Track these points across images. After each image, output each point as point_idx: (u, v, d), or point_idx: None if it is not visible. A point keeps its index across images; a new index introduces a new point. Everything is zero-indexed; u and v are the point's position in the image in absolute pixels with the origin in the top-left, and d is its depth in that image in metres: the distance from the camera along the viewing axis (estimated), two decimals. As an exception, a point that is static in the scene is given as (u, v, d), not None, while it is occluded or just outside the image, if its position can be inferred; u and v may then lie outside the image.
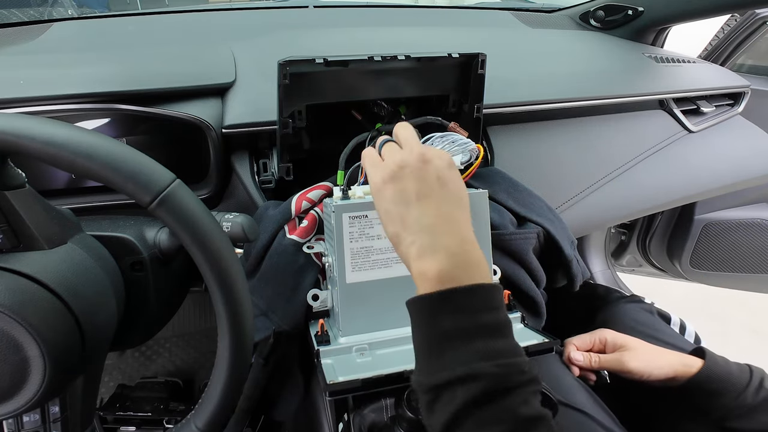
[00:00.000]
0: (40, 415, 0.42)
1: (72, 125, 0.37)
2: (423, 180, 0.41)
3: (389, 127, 0.65)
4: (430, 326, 0.37)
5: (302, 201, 0.61)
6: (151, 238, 0.50)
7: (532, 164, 0.81)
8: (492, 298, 0.37)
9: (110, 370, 1.15)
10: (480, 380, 0.34)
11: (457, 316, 0.36)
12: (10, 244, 0.39)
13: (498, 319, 0.37)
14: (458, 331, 0.36)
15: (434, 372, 0.36)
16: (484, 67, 0.65)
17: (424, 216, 0.40)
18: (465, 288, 0.36)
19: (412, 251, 0.39)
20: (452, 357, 0.35)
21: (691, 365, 0.58)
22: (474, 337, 0.35)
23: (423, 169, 0.42)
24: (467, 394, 0.33)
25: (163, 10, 0.99)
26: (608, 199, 0.86)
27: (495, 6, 1.22)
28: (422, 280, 0.38)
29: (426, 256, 0.38)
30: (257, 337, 0.59)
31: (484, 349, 0.35)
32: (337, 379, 0.48)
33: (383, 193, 0.43)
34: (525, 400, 0.34)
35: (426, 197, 0.41)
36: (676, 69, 1.01)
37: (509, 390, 0.34)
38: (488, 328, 0.36)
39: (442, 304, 0.37)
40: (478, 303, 0.37)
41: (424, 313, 0.38)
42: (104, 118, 0.65)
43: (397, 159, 0.43)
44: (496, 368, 0.34)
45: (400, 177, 0.42)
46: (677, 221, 1.28)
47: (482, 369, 0.34)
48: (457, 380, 0.34)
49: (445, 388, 0.35)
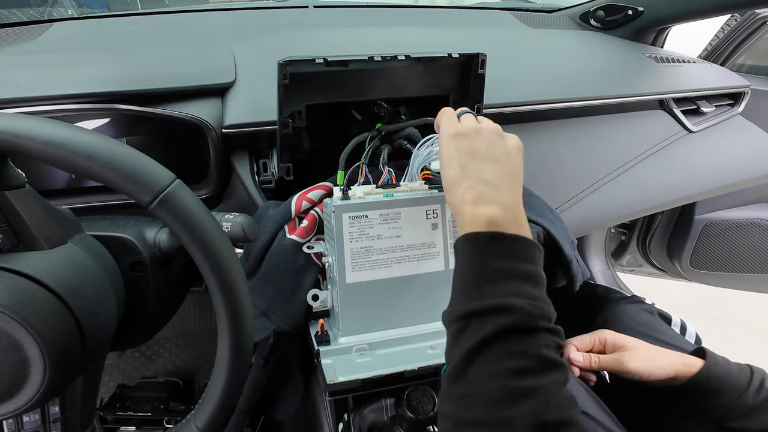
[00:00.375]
0: (40, 415, 0.42)
1: (72, 125, 0.37)
2: (493, 147, 0.45)
3: (389, 127, 0.66)
4: (474, 261, 0.39)
5: (302, 201, 0.61)
6: (151, 238, 0.50)
7: (532, 164, 0.81)
8: (533, 253, 0.40)
9: (110, 370, 1.15)
10: (512, 313, 0.36)
11: (501, 257, 0.38)
12: (10, 244, 0.39)
13: (536, 271, 0.39)
14: (500, 270, 0.38)
15: (469, 300, 0.38)
16: (484, 67, 0.65)
17: (488, 172, 0.43)
18: (513, 235, 0.39)
19: (468, 195, 0.42)
20: (490, 291, 0.37)
21: (691, 365, 0.58)
22: (513, 278, 0.38)
23: (496, 141, 0.45)
24: (497, 324, 0.35)
25: (163, 10, 0.99)
26: (608, 199, 0.86)
27: (495, 6, 1.22)
28: (473, 221, 0.41)
29: (482, 203, 0.41)
30: (257, 337, 0.59)
31: (520, 289, 0.37)
32: (337, 379, 0.48)
33: (453, 142, 0.45)
34: (548, 344, 0.36)
35: (492, 160, 0.44)
36: (676, 69, 1.01)
37: (536, 329, 0.36)
38: (527, 275, 0.38)
39: (489, 243, 0.39)
40: (521, 252, 0.39)
41: (470, 247, 0.40)
42: (104, 118, 0.65)
43: (474, 124, 0.46)
44: (529, 306, 0.36)
45: (474, 137, 0.45)
46: (677, 221, 1.28)
47: (516, 303, 0.36)
48: (490, 309, 0.36)
49: (477, 315, 0.37)
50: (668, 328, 0.77)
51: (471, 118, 0.48)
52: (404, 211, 0.55)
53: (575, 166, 0.84)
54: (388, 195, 0.55)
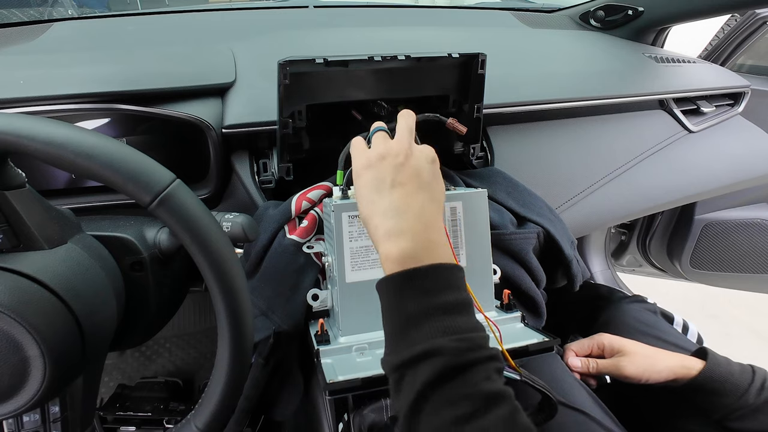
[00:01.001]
0: (40, 415, 0.42)
1: (72, 125, 0.37)
2: (400, 171, 0.44)
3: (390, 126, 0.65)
4: (396, 307, 0.39)
5: (302, 201, 0.61)
6: (151, 238, 0.50)
7: (532, 164, 0.81)
8: (451, 277, 0.39)
9: (110, 370, 1.15)
10: (440, 355, 0.35)
11: (418, 296, 0.38)
12: (10, 244, 0.39)
13: (457, 298, 0.38)
14: (420, 310, 0.37)
15: (399, 351, 0.37)
16: (484, 67, 0.65)
17: (394, 202, 0.42)
18: (425, 268, 0.38)
19: (379, 233, 0.42)
20: (415, 335, 0.36)
21: (691, 367, 0.58)
22: (434, 315, 0.37)
23: (403, 162, 0.44)
24: (429, 371, 0.34)
25: (163, 10, 0.99)
26: (608, 199, 0.86)
27: (495, 6, 1.22)
28: (387, 260, 0.40)
29: (391, 238, 0.41)
30: (257, 337, 0.59)
31: (443, 325, 0.36)
32: (336, 378, 0.48)
33: (362, 178, 0.45)
34: (487, 376, 0.35)
35: (399, 186, 0.43)
36: (676, 69, 1.01)
37: (469, 365, 0.35)
38: (448, 306, 0.37)
39: (404, 283, 0.38)
40: (437, 283, 0.38)
41: (389, 293, 0.39)
42: (104, 118, 0.65)
43: (381, 149, 0.45)
44: (455, 342, 0.35)
45: (379, 166, 0.44)
46: (677, 221, 1.28)
47: (441, 344, 0.35)
48: (419, 357, 0.35)
49: (408, 366, 0.36)
50: (670, 328, 0.77)
51: (379, 142, 0.47)
52: (404, 211, 0.55)
53: (575, 166, 0.84)
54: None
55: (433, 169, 0.46)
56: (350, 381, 0.47)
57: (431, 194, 0.44)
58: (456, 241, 0.57)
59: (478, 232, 0.57)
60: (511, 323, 0.58)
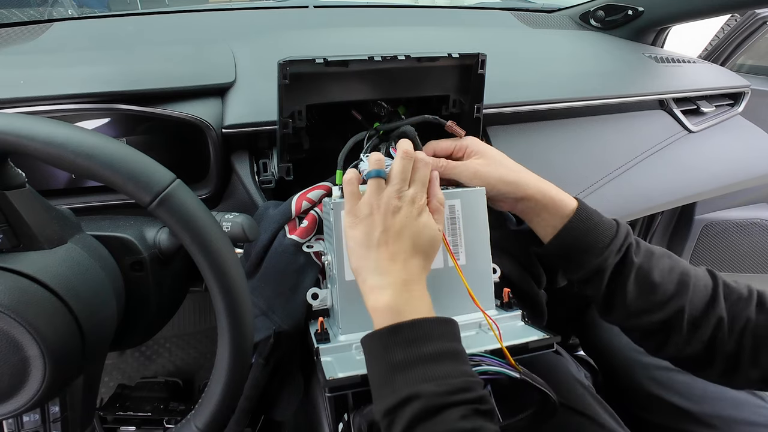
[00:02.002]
0: (40, 415, 0.42)
1: (72, 125, 0.37)
2: (387, 229, 0.47)
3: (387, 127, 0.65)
4: (381, 357, 0.42)
5: (302, 201, 0.61)
6: (151, 238, 0.50)
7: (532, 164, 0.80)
8: (434, 330, 0.42)
9: (110, 370, 1.15)
10: (421, 398, 0.38)
11: (403, 347, 0.41)
12: (10, 244, 0.39)
13: (441, 348, 0.41)
14: (405, 361, 0.40)
15: (385, 397, 0.40)
16: (484, 67, 0.65)
17: (379, 260, 0.46)
18: (409, 323, 0.42)
19: (366, 287, 0.46)
20: (399, 383, 0.40)
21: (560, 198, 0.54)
22: (418, 364, 0.40)
23: (389, 220, 0.47)
24: (411, 413, 0.38)
25: (163, 10, 0.99)
26: (608, 200, 0.86)
27: (495, 6, 1.22)
28: (374, 312, 0.45)
29: (376, 293, 0.45)
30: (257, 337, 0.59)
31: (426, 373, 0.39)
32: (336, 375, 0.48)
33: (352, 231, 0.48)
34: (465, 414, 0.37)
35: (384, 244, 0.46)
36: (676, 69, 1.01)
37: (446, 406, 0.38)
38: (430, 356, 0.40)
39: (389, 337, 0.42)
40: (420, 335, 0.41)
41: (375, 345, 0.43)
42: (104, 118, 0.65)
43: (372, 202, 0.48)
44: (435, 386, 0.38)
45: (368, 222, 0.47)
46: (677, 221, 1.28)
47: (421, 389, 0.38)
48: (403, 401, 0.39)
49: (394, 411, 0.39)
50: None
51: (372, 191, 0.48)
52: (404, 210, 0.55)
53: (575, 166, 0.84)
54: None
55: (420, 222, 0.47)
56: (350, 378, 0.47)
57: (413, 249, 0.46)
58: (455, 240, 0.57)
59: (477, 231, 0.57)
60: (512, 321, 0.58)
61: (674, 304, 0.50)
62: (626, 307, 0.52)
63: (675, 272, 0.52)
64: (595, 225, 0.53)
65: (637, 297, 0.51)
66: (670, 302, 0.50)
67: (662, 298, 0.51)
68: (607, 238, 0.52)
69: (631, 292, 0.51)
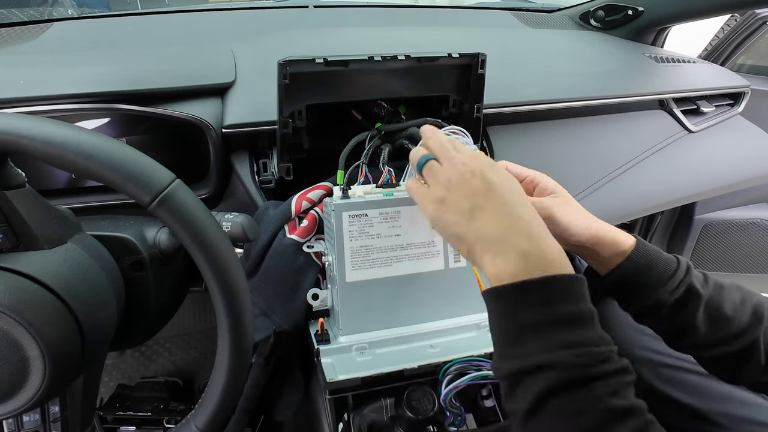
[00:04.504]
0: (40, 415, 0.42)
1: (72, 125, 0.37)
2: (473, 194, 0.42)
3: (389, 127, 0.66)
4: (507, 317, 0.37)
5: (302, 201, 0.61)
6: (151, 238, 0.50)
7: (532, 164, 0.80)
8: (569, 289, 0.37)
9: (110, 370, 1.15)
10: (557, 369, 0.34)
11: (533, 308, 0.36)
12: (10, 244, 0.39)
13: (574, 310, 0.37)
14: (535, 322, 0.36)
15: (512, 358, 0.36)
16: (484, 67, 0.65)
17: (486, 228, 0.41)
18: (540, 280, 0.37)
19: (486, 260, 0.40)
20: (530, 345, 0.35)
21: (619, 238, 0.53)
22: (551, 328, 0.36)
23: (469, 184, 0.42)
24: (545, 383, 0.34)
25: (163, 10, 0.99)
26: (608, 199, 0.86)
27: (495, 6, 1.22)
28: (497, 280, 0.39)
29: (498, 262, 0.39)
30: (257, 337, 0.59)
31: (561, 339, 0.35)
32: (337, 377, 0.48)
33: (443, 221, 0.43)
34: (613, 391, 0.33)
35: (480, 209, 0.41)
36: (676, 69, 1.01)
37: (590, 379, 0.33)
38: (566, 319, 0.36)
39: (517, 296, 0.37)
40: (554, 295, 0.37)
41: (500, 303, 0.38)
42: (104, 118, 0.65)
43: (441, 181, 0.44)
44: (574, 357, 0.34)
45: (451, 200, 0.43)
46: (677, 221, 1.28)
47: (559, 358, 0.34)
48: (534, 368, 0.34)
49: (524, 374, 0.35)
50: None
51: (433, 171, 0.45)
52: (404, 210, 0.55)
53: (575, 166, 0.84)
54: (388, 194, 0.55)
55: (496, 171, 0.43)
56: (350, 380, 0.47)
57: (512, 198, 0.42)
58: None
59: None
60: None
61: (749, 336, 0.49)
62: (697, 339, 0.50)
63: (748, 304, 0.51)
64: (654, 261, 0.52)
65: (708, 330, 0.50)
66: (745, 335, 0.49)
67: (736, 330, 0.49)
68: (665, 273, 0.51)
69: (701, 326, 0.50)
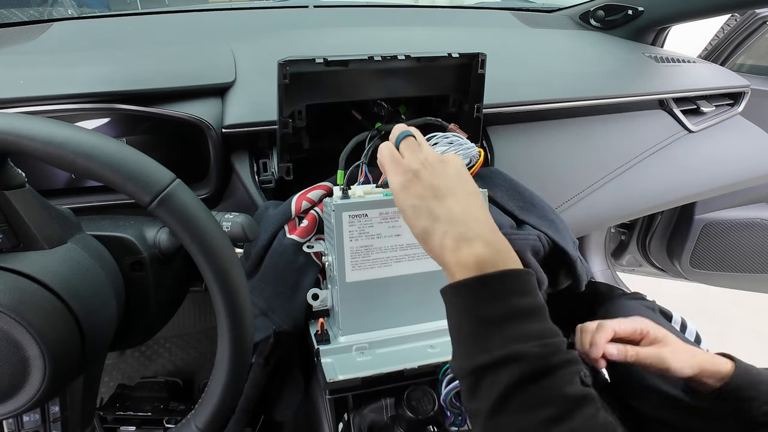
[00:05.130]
0: (40, 415, 0.42)
1: (72, 125, 0.37)
2: (446, 177, 0.43)
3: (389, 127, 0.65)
4: (468, 311, 0.38)
5: (302, 201, 0.61)
6: (151, 238, 0.50)
7: (532, 164, 0.81)
8: (526, 281, 0.38)
9: (110, 370, 1.15)
10: (522, 361, 0.34)
11: (495, 300, 0.37)
12: (10, 244, 0.39)
13: (533, 303, 0.38)
14: (498, 316, 0.36)
15: (474, 355, 0.36)
16: (484, 67, 0.65)
17: (454, 208, 0.41)
18: (500, 273, 0.38)
19: (447, 242, 0.40)
20: (491, 340, 0.36)
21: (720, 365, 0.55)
22: (512, 320, 0.36)
23: (444, 168, 0.44)
24: (511, 376, 0.34)
25: (163, 10, 0.99)
26: (608, 199, 0.86)
27: (495, 6, 1.22)
28: (460, 268, 0.39)
29: (462, 246, 0.39)
30: (257, 337, 0.59)
31: (521, 331, 0.36)
32: (337, 377, 0.48)
33: (409, 190, 0.43)
34: (569, 381, 0.34)
35: (451, 192, 0.42)
36: (676, 69, 1.01)
37: (552, 369, 0.34)
38: (524, 311, 0.37)
39: (480, 290, 0.38)
40: (513, 286, 0.37)
41: (462, 298, 0.38)
42: (104, 118, 0.65)
43: (420, 157, 0.45)
44: (537, 348, 0.35)
45: (424, 175, 0.43)
46: (677, 221, 1.28)
47: (523, 350, 0.35)
48: (499, 362, 0.35)
49: (487, 370, 0.35)
50: (669, 325, 0.77)
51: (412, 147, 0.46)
52: (404, 210, 0.55)
53: (575, 166, 0.84)
54: (388, 194, 0.55)
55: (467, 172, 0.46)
56: (350, 380, 0.47)
57: (478, 195, 0.44)
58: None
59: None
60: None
61: None
62: None
63: None
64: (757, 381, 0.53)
65: None
66: None
67: None
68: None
69: None
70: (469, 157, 0.60)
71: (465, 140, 0.60)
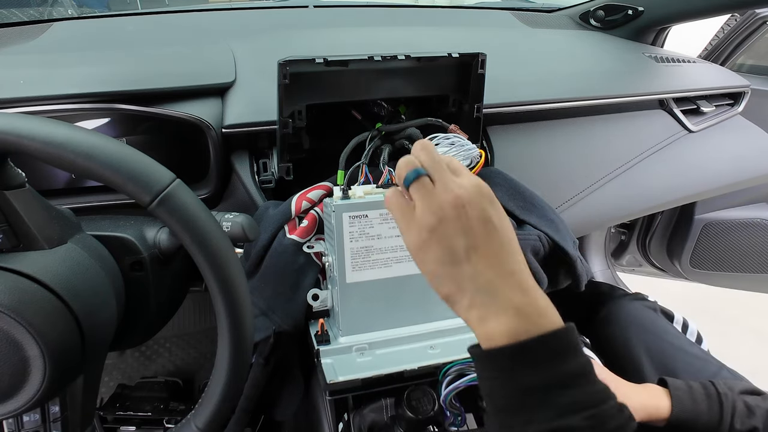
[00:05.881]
0: (40, 415, 0.42)
1: (72, 125, 0.37)
2: (468, 230, 0.36)
3: (389, 127, 0.66)
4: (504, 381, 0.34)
5: (302, 201, 0.61)
6: (151, 238, 0.50)
7: (532, 164, 0.81)
8: (569, 342, 0.34)
9: (110, 370, 1.15)
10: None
11: (533, 370, 0.33)
12: (10, 244, 0.39)
13: (578, 364, 0.34)
14: (536, 386, 0.33)
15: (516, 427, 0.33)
16: (484, 67, 0.65)
17: (479, 273, 0.35)
18: (538, 338, 0.33)
19: (473, 315, 0.35)
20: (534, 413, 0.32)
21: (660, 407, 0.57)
22: (554, 390, 0.32)
23: (464, 216, 0.36)
24: None
25: (163, 9, 0.99)
26: (608, 199, 0.86)
27: (495, 6, 1.22)
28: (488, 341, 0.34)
29: (490, 319, 0.34)
30: (257, 337, 0.59)
31: (567, 401, 0.32)
32: (337, 378, 0.48)
33: (426, 253, 0.37)
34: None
35: (475, 250, 0.36)
36: (676, 69, 1.01)
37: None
38: (570, 376, 0.33)
39: (515, 358, 0.33)
40: (553, 351, 0.33)
41: (495, 366, 0.34)
42: (104, 118, 0.65)
43: (433, 208, 0.37)
44: (586, 421, 0.31)
45: (442, 232, 0.36)
46: (677, 221, 1.28)
47: (569, 423, 0.31)
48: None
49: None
50: (670, 326, 0.77)
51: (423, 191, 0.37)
52: (404, 210, 0.55)
53: (575, 165, 0.84)
54: (388, 195, 0.55)
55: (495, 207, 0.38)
56: (350, 381, 0.47)
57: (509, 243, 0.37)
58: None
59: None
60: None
61: None
62: None
63: None
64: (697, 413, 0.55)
65: None
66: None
67: None
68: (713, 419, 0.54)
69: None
70: (470, 158, 0.61)
71: (466, 141, 0.60)
